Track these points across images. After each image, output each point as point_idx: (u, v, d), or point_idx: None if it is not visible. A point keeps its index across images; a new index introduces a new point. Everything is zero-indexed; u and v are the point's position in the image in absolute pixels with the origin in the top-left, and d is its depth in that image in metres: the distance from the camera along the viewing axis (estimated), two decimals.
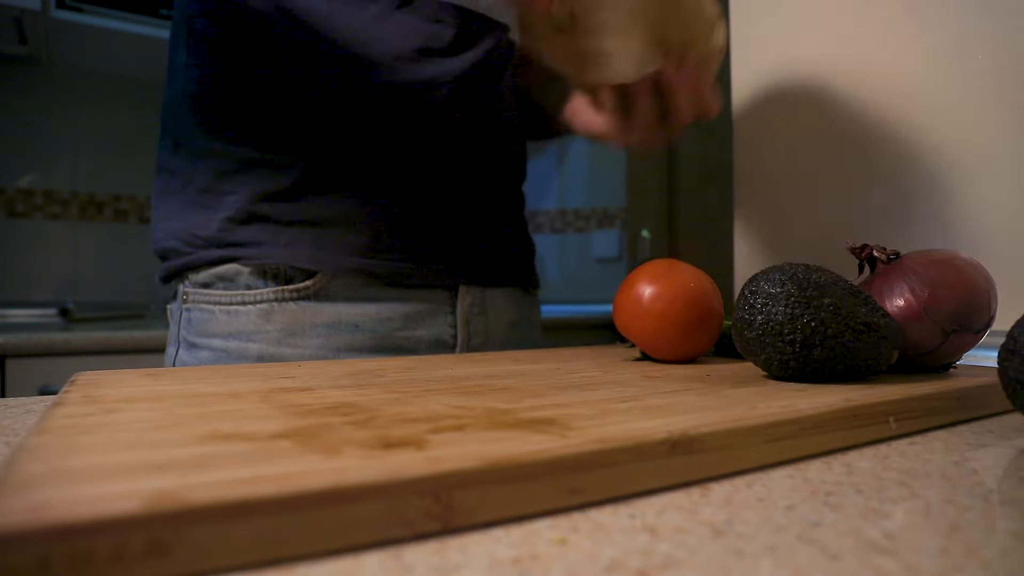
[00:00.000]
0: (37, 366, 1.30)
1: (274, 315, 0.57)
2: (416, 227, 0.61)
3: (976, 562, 0.18)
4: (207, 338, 0.58)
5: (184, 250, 0.59)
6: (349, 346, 0.58)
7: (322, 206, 0.58)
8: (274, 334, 0.57)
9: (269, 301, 0.57)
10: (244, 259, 0.58)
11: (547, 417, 0.27)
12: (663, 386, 0.35)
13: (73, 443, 0.22)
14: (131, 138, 1.95)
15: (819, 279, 0.38)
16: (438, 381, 0.37)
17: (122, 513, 0.16)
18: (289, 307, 0.57)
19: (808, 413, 0.29)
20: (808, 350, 0.36)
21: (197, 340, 0.59)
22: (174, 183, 0.62)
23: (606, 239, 2.34)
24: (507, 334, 0.69)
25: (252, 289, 0.57)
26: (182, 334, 0.60)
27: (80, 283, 1.89)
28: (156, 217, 0.63)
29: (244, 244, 0.58)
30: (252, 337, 0.57)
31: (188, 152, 0.61)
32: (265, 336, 0.57)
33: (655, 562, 0.18)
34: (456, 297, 0.64)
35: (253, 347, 0.57)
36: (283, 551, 0.17)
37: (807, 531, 0.20)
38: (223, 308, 0.58)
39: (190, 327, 0.60)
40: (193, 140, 0.61)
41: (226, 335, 0.58)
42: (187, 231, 0.59)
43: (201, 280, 0.59)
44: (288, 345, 0.57)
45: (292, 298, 0.57)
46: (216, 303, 0.58)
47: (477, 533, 0.20)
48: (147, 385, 0.34)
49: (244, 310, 0.57)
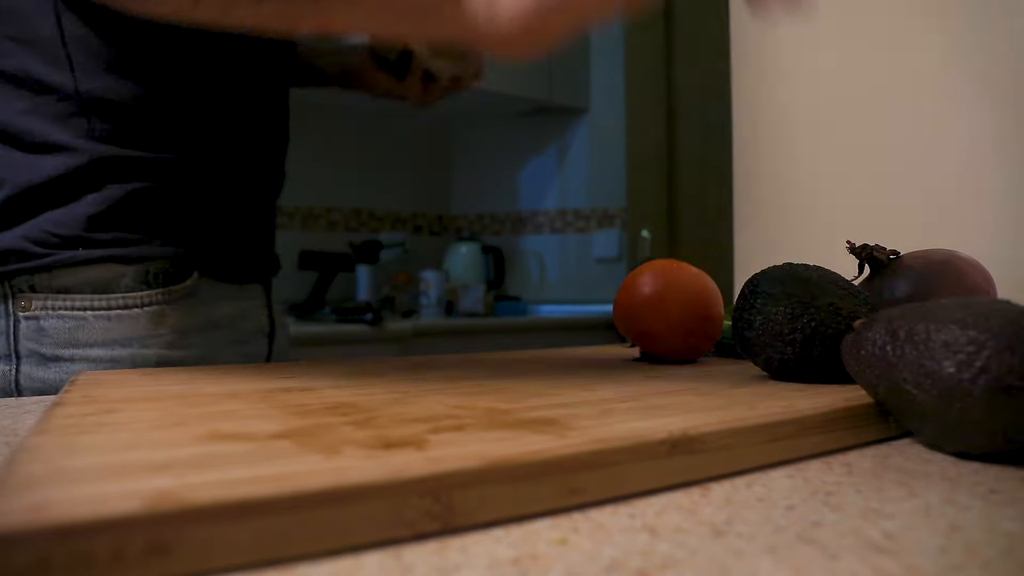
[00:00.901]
0: None
1: (166, 317, 0.55)
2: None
3: (976, 562, 0.18)
4: (79, 348, 0.53)
5: (32, 250, 0.52)
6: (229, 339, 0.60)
7: (190, 199, 0.57)
8: (168, 336, 0.55)
9: (159, 304, 0.55)
10: (121, 259, 0.54)
11: (547, 417, 0.27)
12: (663, 386, 0.35)
13: (73, 443, 0.22)
14: None
15: (819, 279, 0.38)
16: (438, 381, 0.37)
17: (122, 513, 0.16)
18: (176, 308, 0.56)
19: (808, 413, 0.29)
20: (808, 350, 0.36)
21: (60, 352, 0.53)
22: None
23: (606, 239, 2.34)
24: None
25: (135, 292, 0.54)
26: (24, 347, 0.53)
27: None
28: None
29: (117, 244, 0.54)
30: (146, 342, 0.54)
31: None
32: (158, 340, 0.54)
33: (655, 562, 0.18)
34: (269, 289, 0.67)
35: (150, 353, 0.54)
36: (283, 551, 0.17)
37: (807, 531, 0.20)
38: (98, 314, 0.53)
39: (41, 338, 0.53)
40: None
41: (109, 343, 0.53)
42: (39, 228, 0.53)
43: (57, 284, 0.53)
44: (180, 347, 0.55)
45: (176, 299, 0.56)
46: (87, 309, 0.53)
47: (477, 533, 0.20)
48: (147, 385, 0.34)
49: (130, 314, 0.54)
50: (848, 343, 0.32)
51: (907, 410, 0.28)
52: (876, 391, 0.30)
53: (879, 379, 0.29)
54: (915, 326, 0.28)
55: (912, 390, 0.27)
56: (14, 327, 0.52)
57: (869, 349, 0.30)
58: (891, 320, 0.29)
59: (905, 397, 0.27)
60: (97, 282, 0.53)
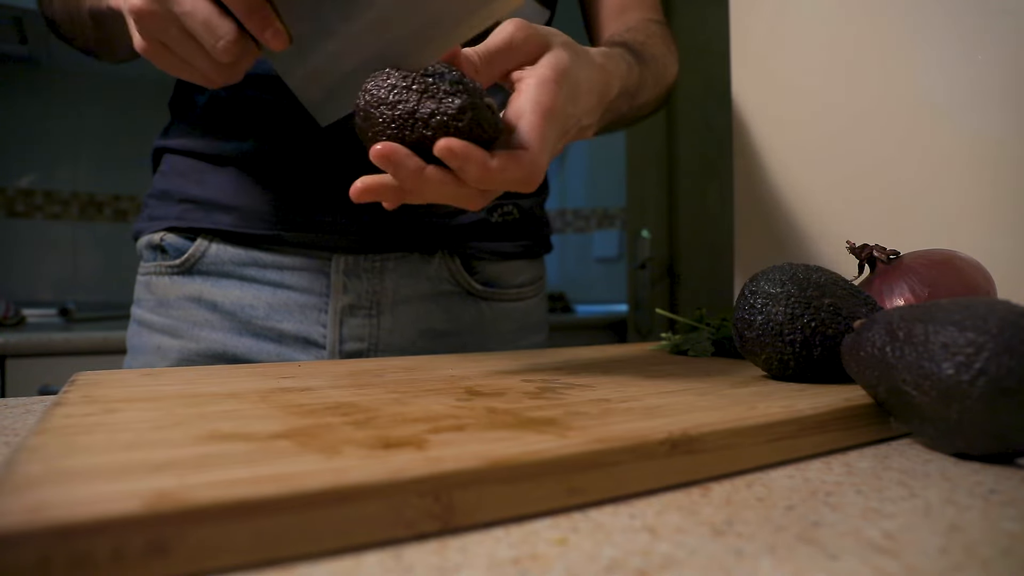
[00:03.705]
0: (37, 366, 1.30)
1: (151, 285, 0.62)
2: (289, 192, 0.60)
3: (976, 562, 0.18)
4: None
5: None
6: (207, 322, 0.60)
7: (206, 184, 0.61)
8: (150, 302, 0.62)
9: (150, 274, 0.63)
10: (142, 232, 0.63)
11: (547, 417, 0.27)
12: (663, 386, 0.35)
13: (73, 443, 0.22)
14: (131, 138, 1.95)
15: (819, 279, 0.38)
16: (438, 381, 0.37)
17: (122, 513, 0.16)
18: (163, 280, 0.62)
19: (808, 413, 0.29)
20: (808, 350, 0.36)
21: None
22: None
23: (606, 239, 2.34)
24: (425, 342, 0.62)
25: (146, 262, 0.63)
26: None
27: (80, 283, 1.89)
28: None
29: (151, 218, 0.63)
30: (139, 303, 0.63)
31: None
32: (145, 303, 0.63)
33: (655, 562, 0.18)
34: (330, 291, 0.59)
35: (137, 311, 0.64)
36: (283, 551, 0.17)
37: (807, 531, 0.20)
38: (138, 277, 0.65)
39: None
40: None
41: (137, 301, 0.65)
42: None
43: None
44: (157, 314, 0.61)
45: (166, 272, 0.61)
46: (139, 272, 0.65)
47: (477, 533, 0.20)
48: (147, 385, 0.34)
49: (140, 279, 0.64)
50: (848, 343, 0.32)
51: (907, 411, 0.28)
52: (876, 392, 0.30)
53: (879, 380, 0.29)
54: (914, 327, 0.28)
55: (911, 391, 0.27)
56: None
57: (869, 350, 0.30)
58: (890, 321, 0.29)
59: (904, 398, 0.27)
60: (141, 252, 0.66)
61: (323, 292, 0.60)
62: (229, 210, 0.60)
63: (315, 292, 0.60)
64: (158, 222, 0.62)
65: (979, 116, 0.54)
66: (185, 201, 0.61)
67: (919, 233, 0.58)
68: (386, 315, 0.61)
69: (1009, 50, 0.53)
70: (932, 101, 0.57)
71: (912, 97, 0.59)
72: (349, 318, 0.60)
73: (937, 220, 0.57)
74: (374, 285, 0.60)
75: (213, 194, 0.60)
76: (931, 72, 0.57)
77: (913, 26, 0.58)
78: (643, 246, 1.74)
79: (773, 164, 0.70)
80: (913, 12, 0.58)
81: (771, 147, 0.71)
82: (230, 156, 0.60)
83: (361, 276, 0.60)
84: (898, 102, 0.59)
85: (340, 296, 0.60)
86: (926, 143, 0.58)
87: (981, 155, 0.54)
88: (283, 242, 0.59)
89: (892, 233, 0.60)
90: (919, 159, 0.58)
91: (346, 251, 0.60)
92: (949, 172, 0.56)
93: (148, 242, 0.63)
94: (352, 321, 0.60)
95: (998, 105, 0.53)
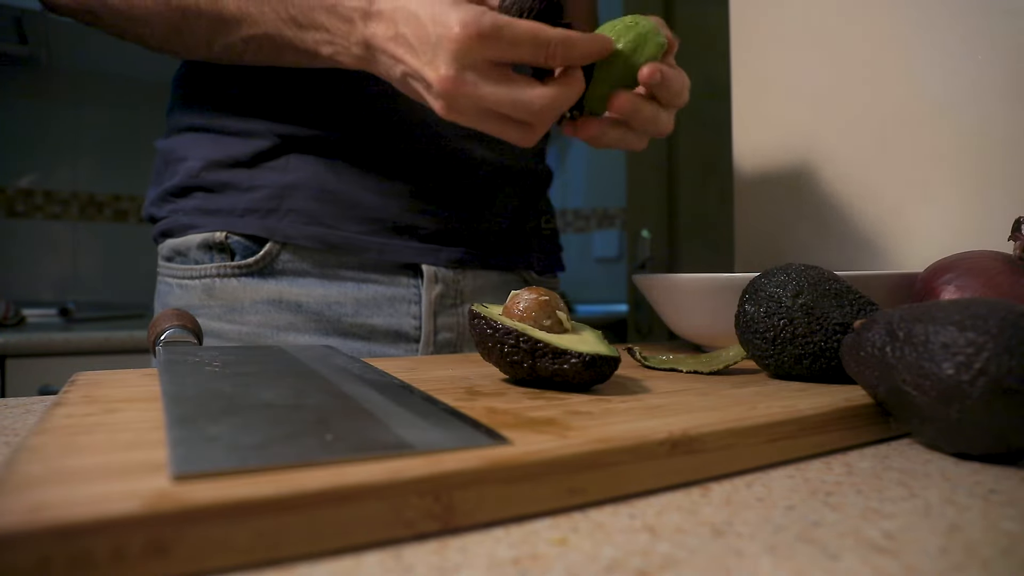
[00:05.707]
0: (37, 366, 1.30)
1: (215, 290, 0.56)
2: (381, 196, 0.58)
3: (976, 562, 0.18)
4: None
5: (158, 215, 0.60)
6: (291, 326, 0.56)
7: (281, 172, 0.57)
8: (216, 309, 0.56)
9: (211, 276, 0.56)
10: (195, 228, 0.57)
11: (547, 417, 0.27)
12: (663, 386, 0.35)
13: (73, 443, 0.22)
14: (131, 138, 1.95)
15: (819, 279, 0.38)
16: (438, 381, 0.37)
17: (122, 513, 0.16)
18: (231, 283, 0.56)
19: (808, 413, 0.29)
20: (807, 350, 0.36)
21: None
22: (156, 160, 0.63)
23: (606, 239, 2.34)
24: None
25: (199, 264, 0.57)
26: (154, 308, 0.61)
27: (80, 283, 1.89)
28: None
29: (196, 212, 0.57)
30: (198, 312, 0.57)
31: (169, 125, 0.62)
32: (208, 311, 0.56)
33: (655, 562, 0.18)
34: (422, 283, 0.59)
35: (199, 321, 0.58)
36: (283, 551, 0.17)
37: (807, 531, 0.20)
38: (178, 282, 0.58)
39: (157, 300, 0.61)
40: (173, 114, 0.62)
41: (192, 308, 0.58)
42: (155, 196, 0.60)
43: (163, 253, 0.60)
44: (228, 321, 0.56)
45: (234, 274, 0.56)
46: (172, 277, 0.59)
47: (477, 533, 0.20)
48: (147, 385, 0.34)
49: (192, 284, 0.57)
50: (848, 343, 0.32)
51: (907, 411, 0.28)
52: (876, 392, 0.30)
53: (879, 380, 0.29)
54: (914, 327, 0.28)
55: (911, 391, 0.27)
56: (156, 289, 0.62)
57: (869, 350, 0.30)
58: (890, 321, 0.29)
59: (904, 398, 0.27)
60: (180, 253, 0.59)
61: (411, 284, 0.59)
62: (307, 218, 0.56)
63: (402, 284, 0.59)
64: (214, 218, 0.56)
65: (979, 115, 0.54)
66: (253, 189, 0.56)
67: (920, 233, 0.58)
68: (468, 305, 0.61)
69: (1009, 50, 0.53)
70: (932, 101, 0.57)
71: (912, 97, 0.59)
72: (440, 308, 0.60)
73: (937, 220, 0.57)
74: (456, 275, 0.61)
75: (287, 196, 0.56)
76: (931, 72, 0.57)
77: (913, 26, 0.58)
78: (643, 246, 1.74)
79: (773, 164, 0.70)
80: (913, 12, 0.58)
81: (771, 147, 0.71)
82: (306, 140, 0.56)
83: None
84: (898, 102, 0.59)
85: (433, 286, 0.59)
86: (926, 143, 0.58)
87: (981, 154, 0.54)
88: (368, 248, 0.58)
89: (892, 233, 0.60)
90: (919, 159, 0.58)
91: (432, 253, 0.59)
92: (949, 172, 0.56)
93: (205, 241, 0.56)
94: (443, 311, 0.60)
95: (998, 104, 0.53)
